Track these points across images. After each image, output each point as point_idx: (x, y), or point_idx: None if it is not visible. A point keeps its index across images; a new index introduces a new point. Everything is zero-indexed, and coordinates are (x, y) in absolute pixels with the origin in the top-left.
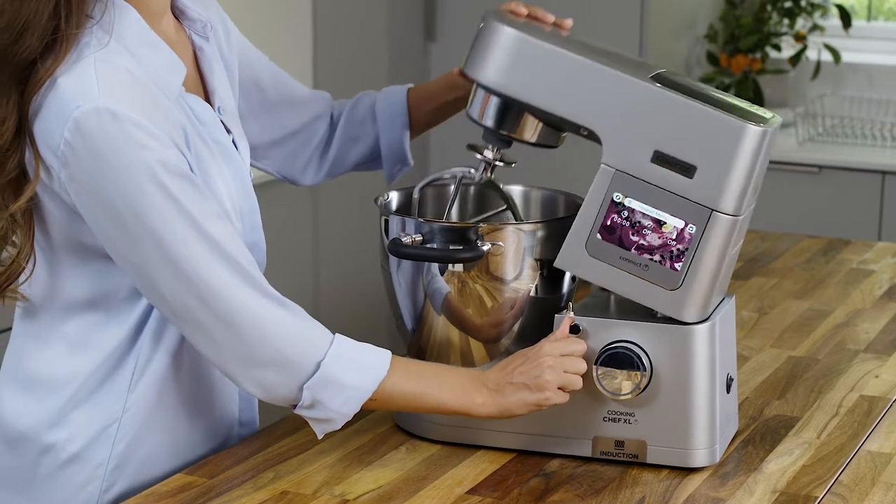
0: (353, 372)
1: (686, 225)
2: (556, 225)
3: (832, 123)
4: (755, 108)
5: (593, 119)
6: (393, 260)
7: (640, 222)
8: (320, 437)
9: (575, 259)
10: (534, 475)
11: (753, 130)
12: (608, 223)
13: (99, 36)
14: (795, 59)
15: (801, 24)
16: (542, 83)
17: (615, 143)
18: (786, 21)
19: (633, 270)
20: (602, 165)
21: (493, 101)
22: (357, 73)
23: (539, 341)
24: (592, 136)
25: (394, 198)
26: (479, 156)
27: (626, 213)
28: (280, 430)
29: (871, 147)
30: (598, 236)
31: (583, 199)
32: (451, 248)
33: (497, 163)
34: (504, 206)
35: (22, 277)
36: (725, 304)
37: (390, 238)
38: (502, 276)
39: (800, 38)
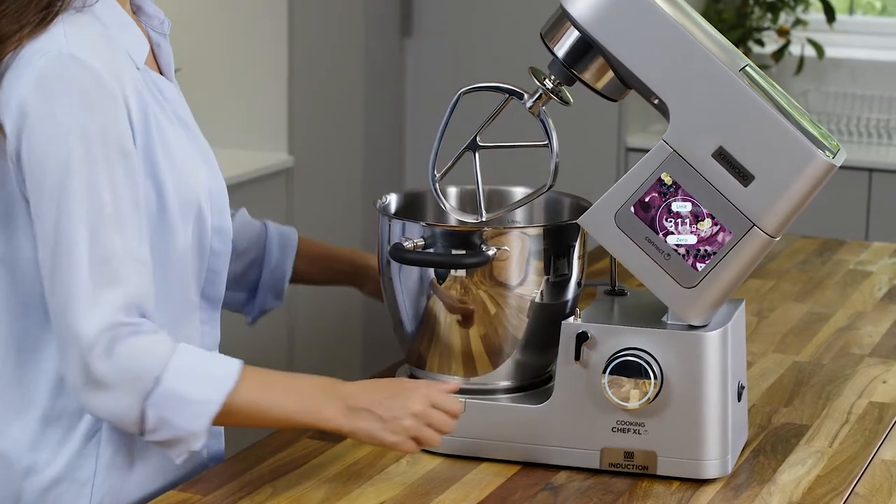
0: (198, 384)
1: (723, 230)
2: (564, 229)
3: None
4: (827, 134)
5: (671, 92)
6: (394, 264)
7: (678, 211)
8: (178, 462)
9: (600, 224)
10: (541, 489)
11: (822, 161)
12: (646, 200)
13: (75, 5)
14: (779, 54)
15: (784, 18)
16: (633, 38)
17: (683, 124)
18: (768, 16)
19: (654, 255)
20: (661, 141)
21: (574, 35)
22: (333, 68)
23: (419, 381)
24: (661, 109)
25: (393, 200)
26: (537, 82)
27: (667, 197)
28: (274, 443)
29: (857, 144)
30: (632, 209)
31: (588, 202)
32: (455, 253)
33: (553, 96)
34: (545, 142)
35: None
36: (735, 309)
37: (391, 242)
38: (507, 281)
39: (783, 32)
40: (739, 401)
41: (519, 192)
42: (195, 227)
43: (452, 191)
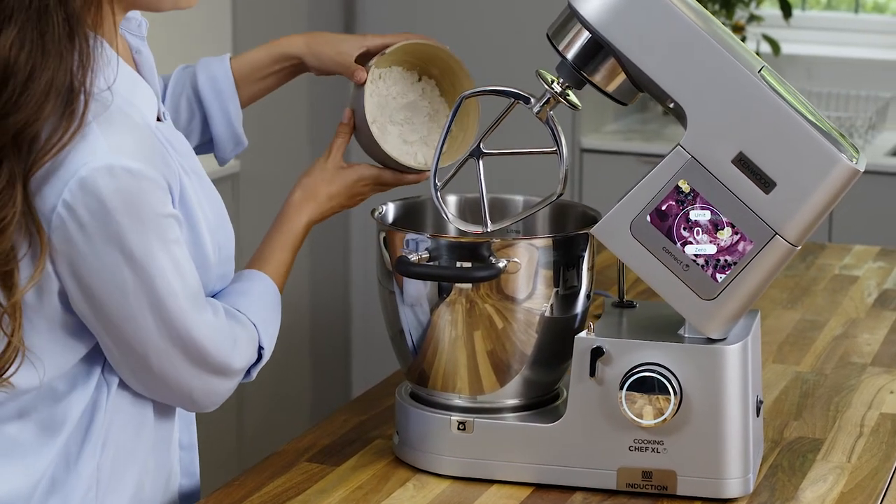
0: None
1: (744, 239)
2: (573, 239)
3: None
4: (845, 138)
5: (689, 96)
6: (394, 276)
7: (696, 220)
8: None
9: (614, 233)
10: None
11: (846, 165)
12: (663, 208)
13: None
14: None
15: (738, 14)
16: (648, 40)
17: (701, 129)
18: (723, 11)
19: (671, 266)
20: (678, 147)
21: (584, 36)
22: None
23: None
24: (677, 113)
25: (390, 209)
26: (546, 85)
27: (685, 205)
28: (272, 467)
29: None
30: (648, 218)
31: (595, 211)
32: (464, 266)
33: (561, 100)
34: (554, 149)
35: (13, 367)
36: (752, 320)
37: (394, 255)
38: (515, 295)
39: (738, 29)
40: (758, 416)
41: (520, 200)
42: (200, 275)
43: (452, 199)
